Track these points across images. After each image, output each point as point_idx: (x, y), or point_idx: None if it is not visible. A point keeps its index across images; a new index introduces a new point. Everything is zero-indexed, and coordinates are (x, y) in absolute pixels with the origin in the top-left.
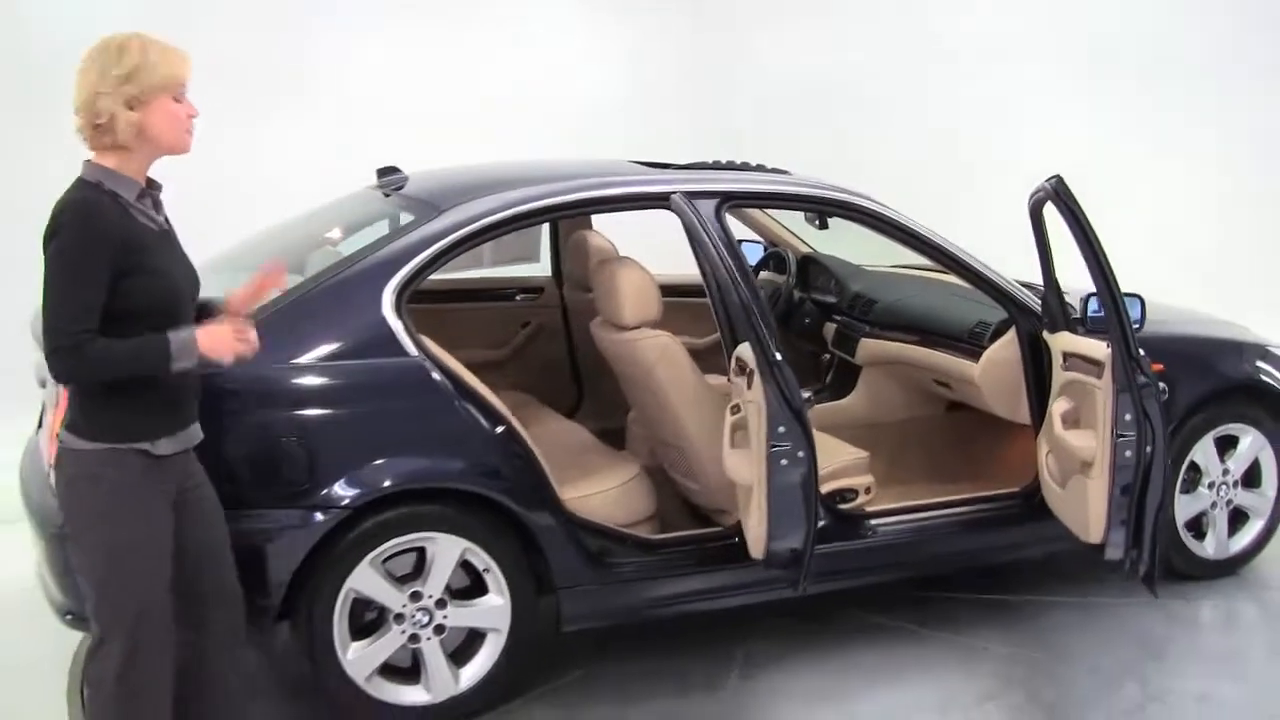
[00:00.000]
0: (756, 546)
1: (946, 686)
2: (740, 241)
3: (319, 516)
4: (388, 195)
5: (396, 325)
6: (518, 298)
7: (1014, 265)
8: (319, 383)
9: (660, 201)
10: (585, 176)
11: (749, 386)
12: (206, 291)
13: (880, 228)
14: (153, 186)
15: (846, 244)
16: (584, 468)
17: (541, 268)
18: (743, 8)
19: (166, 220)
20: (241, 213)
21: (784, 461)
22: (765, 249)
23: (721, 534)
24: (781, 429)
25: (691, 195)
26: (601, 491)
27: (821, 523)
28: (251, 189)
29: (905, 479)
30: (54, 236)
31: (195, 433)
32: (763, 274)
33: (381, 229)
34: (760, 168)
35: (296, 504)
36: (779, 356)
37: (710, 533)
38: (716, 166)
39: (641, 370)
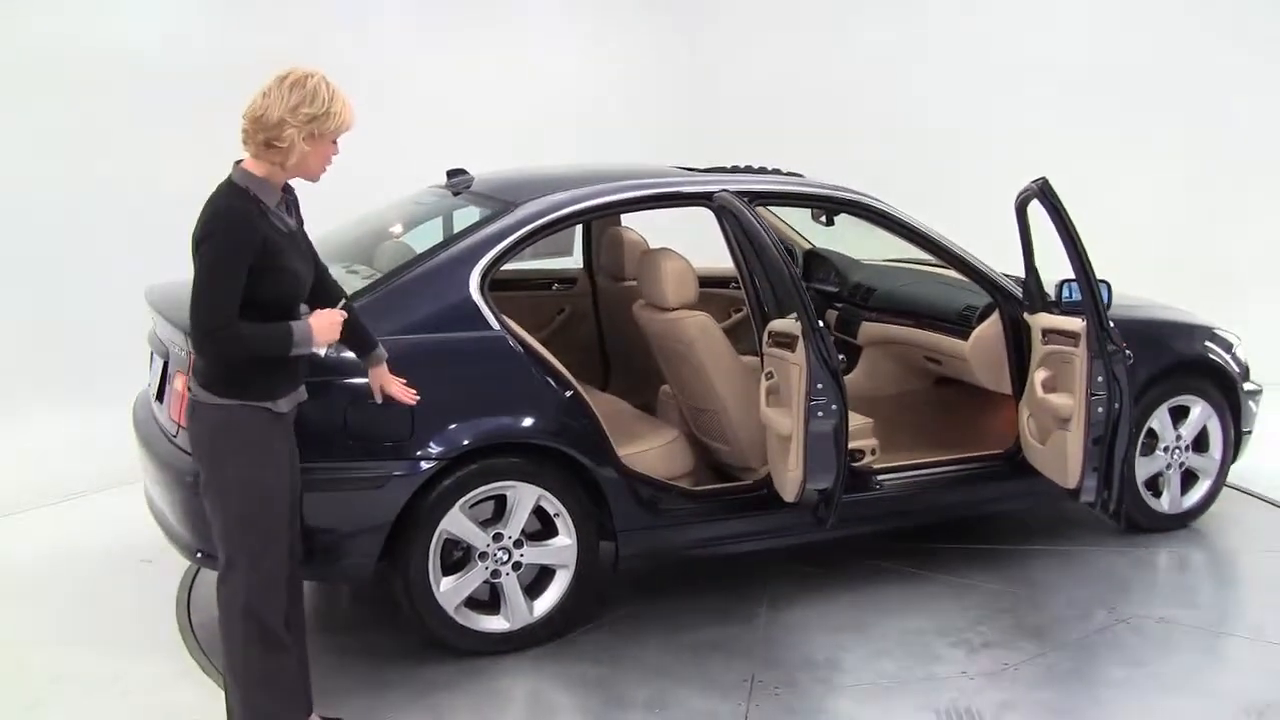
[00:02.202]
0: (791, 490)
1: (945, 615)
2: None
3: (419, 467)
4: (457, 194)
5: (482, 304)
6: (554, 287)
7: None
8: (419, 352)
9: (703, 200)
10: (635, 178)
11: (793, 351)
12: None
13: (884, 224)
14: (288, 192)
15: (841, 239)
16: (629, 431)
17: (573, 260)
18: (731, 19)
19: (299, 222)
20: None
21: (820, 414)
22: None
23: (751, 487)
24: (820, 385)
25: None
26: (649, 449)
27: None
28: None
29: (902, 443)
30: (209, 239)
31: (303, 393)
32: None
33: (451, 223)
34: (777, 171)
35: (400, 456)
36: (821, 324)
37: (742, 485)
38: (741, 170)
39: (683, 345)
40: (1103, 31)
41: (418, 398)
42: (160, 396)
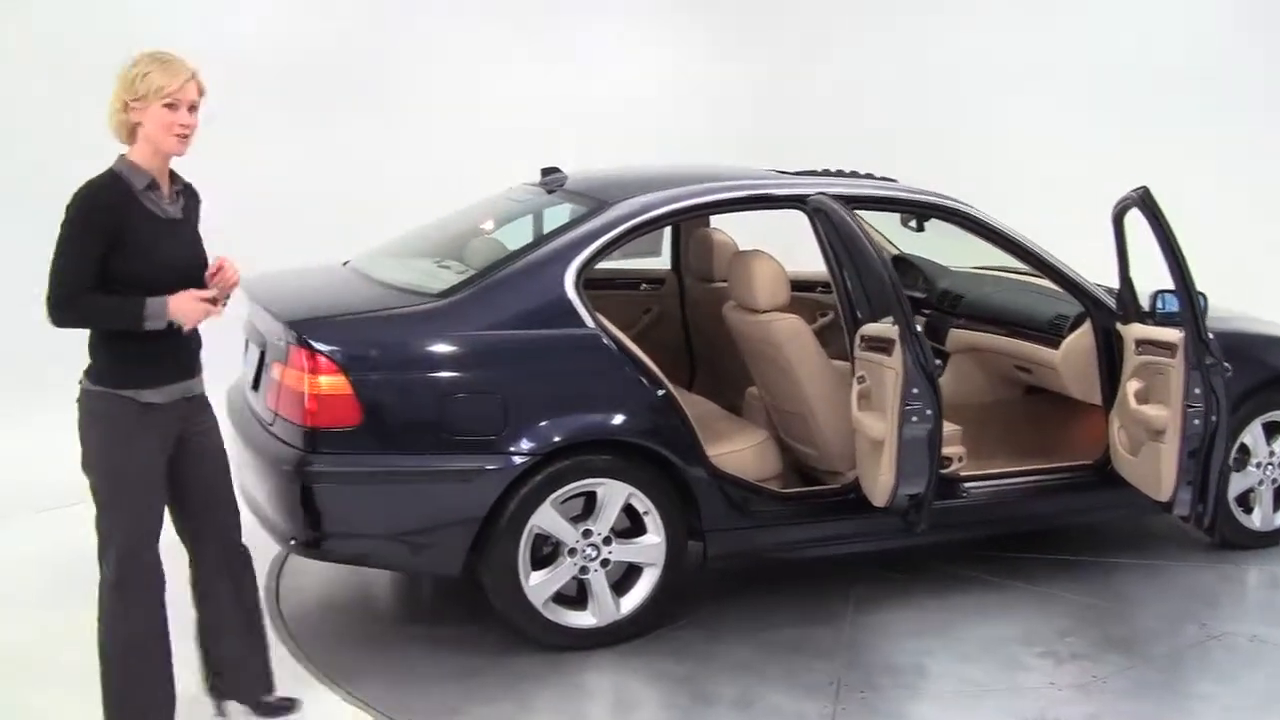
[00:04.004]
0: (881, 495)
1: (1029, 625)
2: None
3: (512, 462)
4: (551, 191)
5: (577, 301)
6: (642, 287)
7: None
8: (515, 347)
9: (797, 203)
10: (727, 179)
11: (890, 354)
12: None
13: (977, 230)
14: (175, 181)
15: (924, 245)
16: (718, 432)
17: (661, 261)
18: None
19: (187, 212)
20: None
21: (915, 419)
22: None
23: (839, 490)
24: (915, 390)
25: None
26: (738, 450)
27: None
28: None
29: (988, 451)
30: (66, 218)
31: (191, 387)
32: None
33: (541, 220)
34: (869, 176)
35: (493, 450)
36: (919, 329)
37: (830, 489)
38: (833, 174)
39: (773, 348)
40: (1199, 31)
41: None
42: (256, 385)
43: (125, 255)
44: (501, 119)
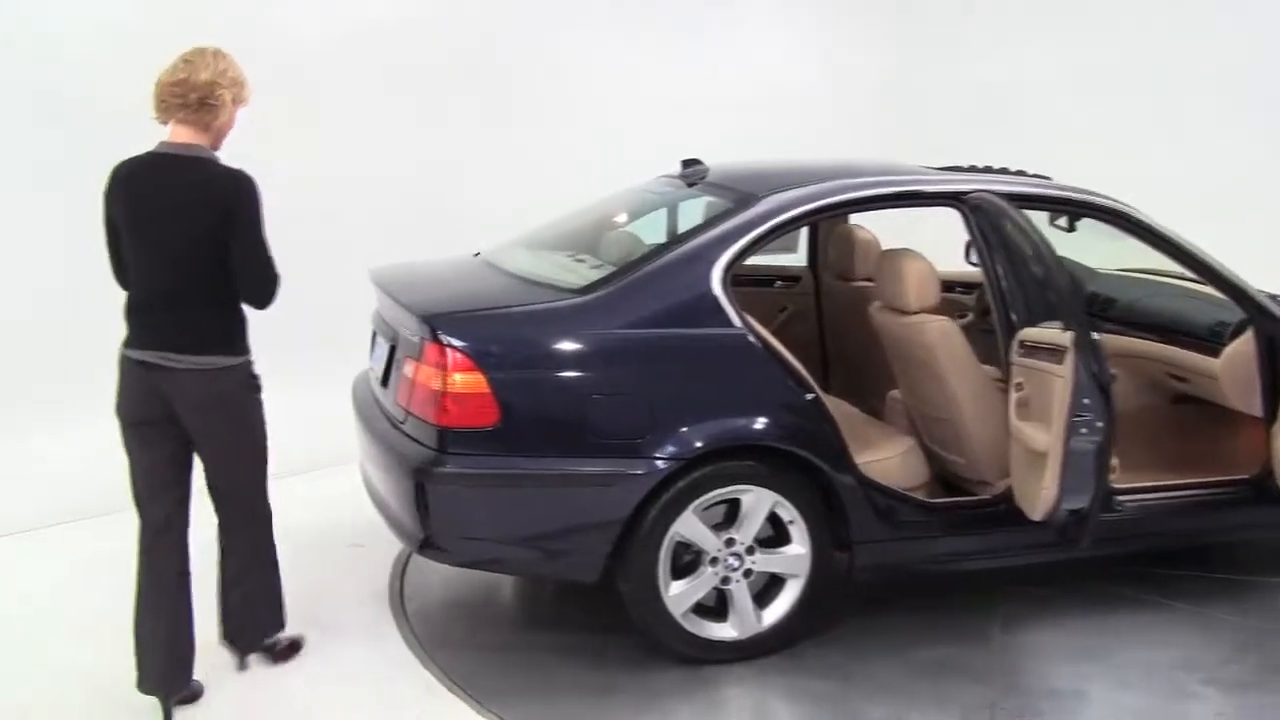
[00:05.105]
0: (1041, 509)
1: (1188, 648)
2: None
3: (655, 466)
4: (692, 184)
5: (724, 299)
6: (777, 284)
7: None
8: (660, 347)
9: (950, 200)
10: (872, 174)
11: (1059, 362)
12: None
13: (1136, 231)
14: None
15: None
16: (863, 438)
17: (796, 258)
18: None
19: None
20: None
21: (1084, 430)
22: None
23: (989, 501)
24: (1086, 401)
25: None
26: (886, 458)
27: None
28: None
29: (1140, 462)
30: (254, 205)
31: None
32: None
33: (676, 214)
34: (1021, 172)
35: (636, 454)
36: (1095, 336)
37: (981, 499)
38: (980, 170)
39: (923, 351)
40: None
41: None
42: (386, 380)
43: None
44: (629, 113)
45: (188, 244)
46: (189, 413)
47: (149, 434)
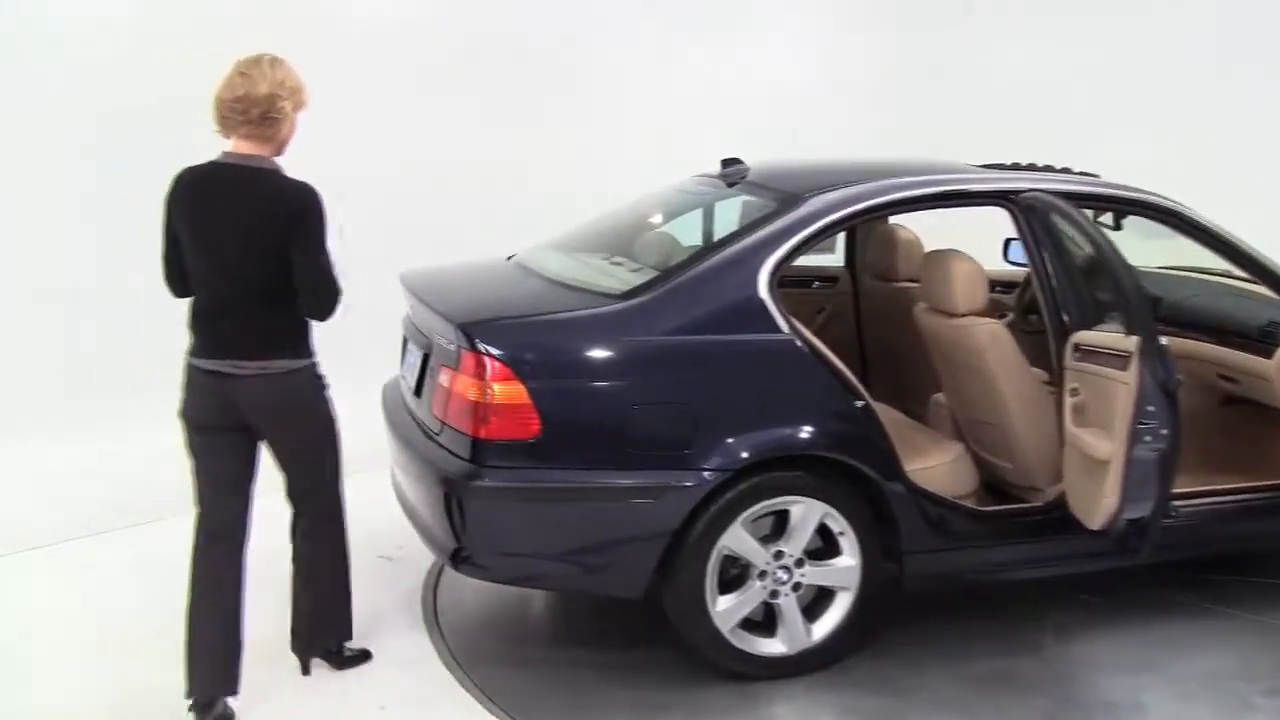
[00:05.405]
0: (1100, 518)
1: (1248, 658)
2: (1014, 239)
3: (702, 478)
4: (731, 184)
5: (770, 303)
6: (814, 285)
7: None
8: (707, 354)
9: (1002, 199)
10: (923, 173)
11: (1123, 368)
12: None
13: (1185, 229)
14: None
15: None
16: (910, 444)
17: (834, 258)
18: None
19: None
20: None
21: (1148, 438)
22: None
23: (1040, 509)
24: (1151, 408)
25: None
26: (936, 465)
27: None
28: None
29: (1189, 466)
30: (318, 218)
31: None
32: None
33: (711, 215)
34: (1067, 170)
35: (683, 465)
36: (1164, 341)
37: (1032, 507)
38: (1028, 168)
39: (972, 354)
40: None
41: None
42: (419, 390)
43: None
44: (657, 112)
45: (252, 254)
46: (260, 419)
47: (217, 440)
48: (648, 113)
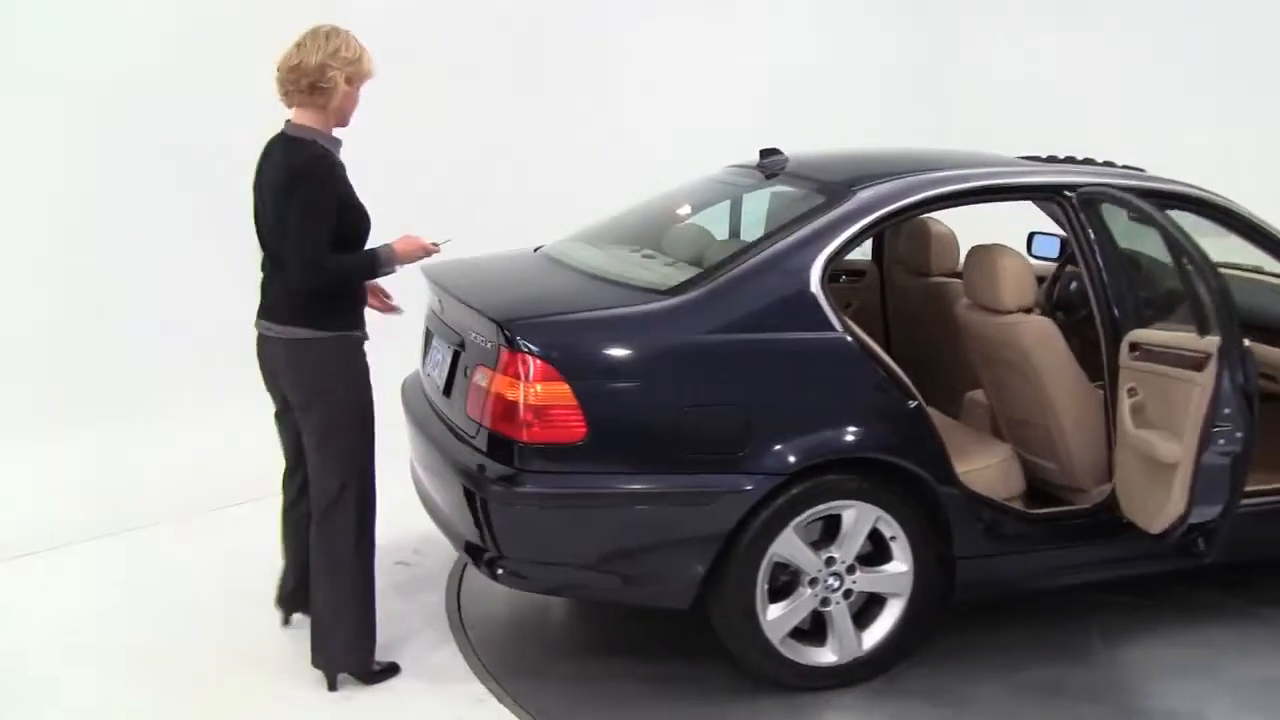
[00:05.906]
0: (1163, 523)
1: None
2: (1038, 234)
3: (755, 482)
4: (770, 176)
5: (823, 300)
6: (841, 279)
7: None
8: (758, 353)
9: (1052, 192)
10: (972, 165)
11: (1198, 369)
12: None
13: (1231, 225)
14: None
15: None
16: (957, 446)
17: (860, 251)
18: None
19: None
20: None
21: (1221, 441)
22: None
23: (1089, 511)
24: (1227, 410)
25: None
26: (985, 467)
27: None
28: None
29: None
30: (301, 186)
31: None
32: (1069, 266)
33: (740, 207)
34: (1109, 164)
35: (735, 469)
36: (1247, 343)
37: (1082, 510)
38: (1067, 160)
39: (1018, 352)
40: None
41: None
42: (448, 390)
43: (352, 215)
44: (685, 102)
45: (271, 221)
46: (286, 387)
47: (281, 415)
48: (657, 106)
